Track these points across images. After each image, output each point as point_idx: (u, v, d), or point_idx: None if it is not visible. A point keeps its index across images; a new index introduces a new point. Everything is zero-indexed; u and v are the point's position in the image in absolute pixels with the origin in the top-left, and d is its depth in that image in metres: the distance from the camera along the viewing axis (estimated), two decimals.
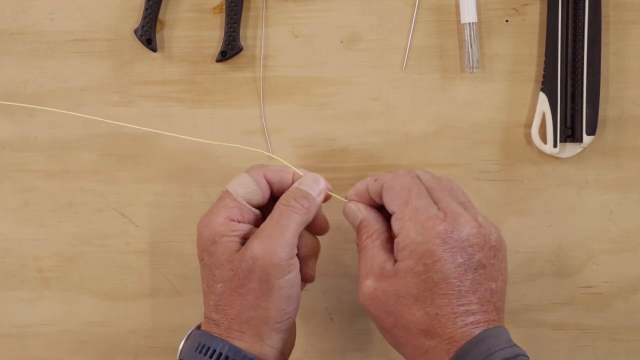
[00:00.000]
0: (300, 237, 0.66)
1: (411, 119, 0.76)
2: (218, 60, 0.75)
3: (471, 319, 0.60)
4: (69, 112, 0.76)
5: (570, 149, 0.75)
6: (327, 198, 0.68)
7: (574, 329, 0.78)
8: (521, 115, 0.76)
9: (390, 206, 0.64)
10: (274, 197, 0.68)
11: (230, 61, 0.76)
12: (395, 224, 0.64)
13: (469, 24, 0.74)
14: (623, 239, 0.77)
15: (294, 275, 0.64)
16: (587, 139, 0.74)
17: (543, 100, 0.74)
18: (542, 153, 0.76)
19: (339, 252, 0.78)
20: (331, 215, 0.78)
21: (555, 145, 0.74)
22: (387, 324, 0.63)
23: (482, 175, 0.77)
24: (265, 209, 0.68)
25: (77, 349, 0.79)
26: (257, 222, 0.67)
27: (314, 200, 0.66)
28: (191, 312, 0.79)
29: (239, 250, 0.64)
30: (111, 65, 0.77)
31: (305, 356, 0.79)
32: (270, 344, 0.64)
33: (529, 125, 0.76)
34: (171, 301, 0.79)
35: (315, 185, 0.66)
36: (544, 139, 0.75)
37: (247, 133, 0.77)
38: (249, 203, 0.66)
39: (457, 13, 0.75)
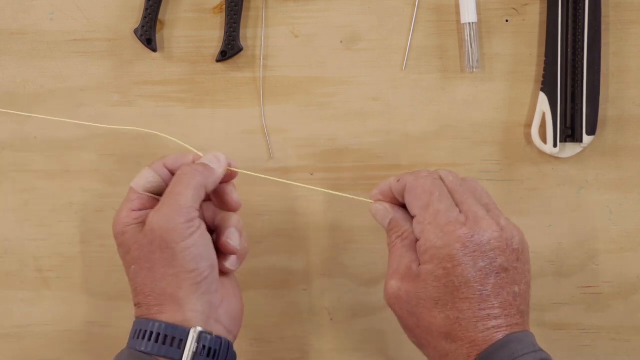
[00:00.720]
0: (213, 211, 0.69)
1: (411, 119, 0.76)
2: (218, 60, 0.75)
3: (493, 323, 0.60)
4: (64, 120, 0.76)
5: (570, 149, 0.75)
6: (231, 176, 0.69)
7: (574, 329, 0.78)
8: (521, 115, 0.76)
9: (412, 209, 0.65)
10: None
11: (230, 61, 0.76)
12: (416, 227, 0.64)
13: (469, 24, 0.74)
14: (623, 239, 0.77)
15: (198, 236, 0.64)
16: (587, 139, 0.74)
17: (543, 100, 0.74)
18: (542, 153, 0.76)
19: (339, 252, 0.78)
20: (331, 215, 0.78)
21: (555, 145, 0.74)
22: (410, 324, 0.63)
23: (482, 175, 0.77)
24: None
25: (77, 349, 0.79)
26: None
27: (210, 168, 0.67)
28: None
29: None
30: (111, 65, 0.77)
31: (305, 356, 0.79)
32: (192, 307, 0.64)
33: (529, 125, 0.76)
34: None
35: (214, 159, 0.68)
36: (544, 139, 0.75)
37: (247, 133, 0.77)
38: (151, 192, 0.68)
39: (457, 13, 0.75)
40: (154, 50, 0.75)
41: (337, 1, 0.76)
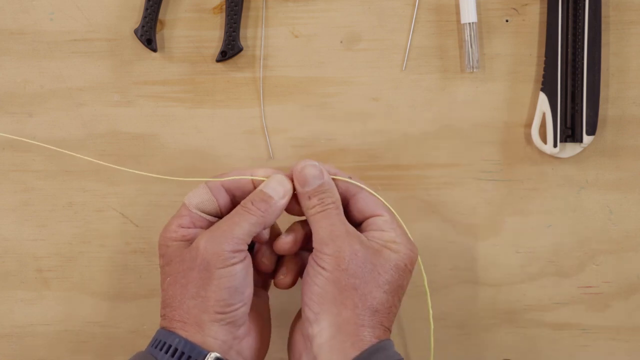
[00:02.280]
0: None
1: (411, 119, 0.77)
2: (218, 60, 0.75)
3: (386, 326, 0.66)
4: (52, 147, 0.76)
5: (570, 149, 0.75)
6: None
7: (574, 329, 0.78)
8: (521, 115, 0.76)
9: (373, 209, 0.68)
10: (238, 204, 0.69)
11: (230, 61, 0.76)
12: (385, 223, 0.67)
13: (469, 24, 0.74)
14: (623, 239, 0.77)
15: (239, 268, 0.65)
16: (587, 139, 0.74)
17: (543, 100, 0.74)
18: (542, 153, 0.76)
19: None
20: None
21: (555, 145, 0.74)
22: (349, 283, 0.64)
23: (482, 175, 0.77)
24: None
25: (77, 349, 0.79)
26: None
27: (274, 203, 0.67)
28: None
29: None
30: (111, 65, 0.77)
31: None
32: (213, 335, 0.64)
33: (529, 125, 0.76)
34: None
35: (280, 187, 0.68)
36: (544, 139, 0.75)
37: (247, 133, 0.77)
38: (203, 211, 0.68)
39: (457, 13, 0.75)
40: (154, 50, 0.75)
41: (337, 1, 0.76)
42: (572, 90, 0.75)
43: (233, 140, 0.77)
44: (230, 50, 0.75)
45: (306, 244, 0.70)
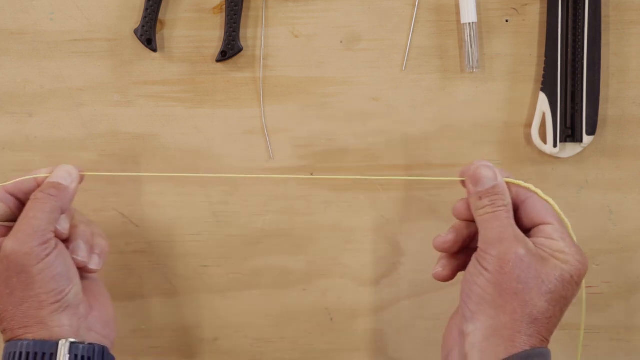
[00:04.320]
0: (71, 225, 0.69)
1: (411, 119, 0.76)
2: (218, 60, 0.75)
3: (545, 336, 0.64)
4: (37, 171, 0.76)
5: (570, 149, 0.75)
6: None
7: (574, 329, 0.78)
8: (521, 115, 0.76)
9: (544, 216, 0.66)
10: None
11: (230, 61, 0.76)
12: (555, 232, 0.65)
13: (469, 24, 0.74)
14: (623, 239, 0.77)
15: (54, 256, 0.65)
16: (587, 139, 0.74)
17: (543, 100, 0.74)
18: (542, 153, 0.76)
19: (339, 252, 0.78)
20: (331, 215, 0.78)
21: (555, 145, 0.74)
22: (504, 289, 0.63)
23: None
24: None
25: None
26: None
27: (64, 188, 0.68)
28: (191, 312, 0.79)
29: None
30: (111, 65, 0.77)
31: (306, 356, 0.79)
32: (57, 324, 0.64)
33: (529, 125, 0.76)
34: (171, 301, 0.79)
35: (65, 174, 0.69)
36: (544, 139, 0.75)
37: (247, 133, 0.77)
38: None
39: (457, 13, 0.75)
40: (154, 50, 0.75)
41: (337, 1, 0.76)
42: (572, 90, 0.75)
43: (233, 140, 0.77)
44: (230, 50, 0.75)
45: (467, 246, 0.69)
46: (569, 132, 0.75)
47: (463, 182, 0.67)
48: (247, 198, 0.77)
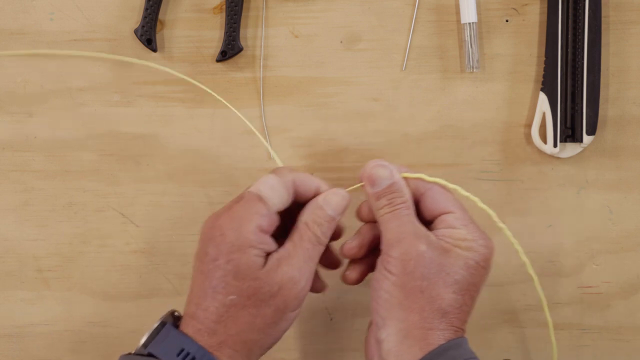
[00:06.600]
0: None
1: (411, 119, 0.77)
2: (218, 60, 0.75)
3: (459, 325, 0.64)
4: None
5: (570, 149, 0.75)
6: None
7: (574, 329, 0.78)
8: (521, 115, 0.76)
9: (445, 205, 0.65)
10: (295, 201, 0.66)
11: (230, 61, 0.76)
12: (456, 220, 0.64)
13: (469, 24, 0.74)
14: (623, 239, 0.77)
15: (300, 308, 0.64)
16: (587, 139, 0.74)
17: (543, 100, 0.74)
18: (542, 153, 0.76)
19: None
20: None
21: (555, 145, 0.75)
22: (413, 286, 0.62)
23: (482, 175, 0.77)
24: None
25: (77, 349, 0.79)
26: (276, 232, 0.65)
27: (335, 223, 0.66)
28: None
29: (263, 266, 0.62)
30: (111, 65, 0.77)
31: (305, 356, 0.79)
32: (255, 358, 0.64)
33: (529, 125, 0.76)
34: (171, 301, 0.79)
35: (339, 208, 0.66)
36: (544, 139, 0.75)
37: (247, 133, 0.77)
38: (277, 211, 0.64)
39: (457, 13, 0.75)
40: (154, 50, 0.75)
41: (337, 1, 0.76)
42: (572, 90, 0.75)
43: (233, 140, 0.77)
44: (230, 50, 0.75)
45: (376, 247, 0.67)
46: (569, 132, 0.75)
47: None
48: None
